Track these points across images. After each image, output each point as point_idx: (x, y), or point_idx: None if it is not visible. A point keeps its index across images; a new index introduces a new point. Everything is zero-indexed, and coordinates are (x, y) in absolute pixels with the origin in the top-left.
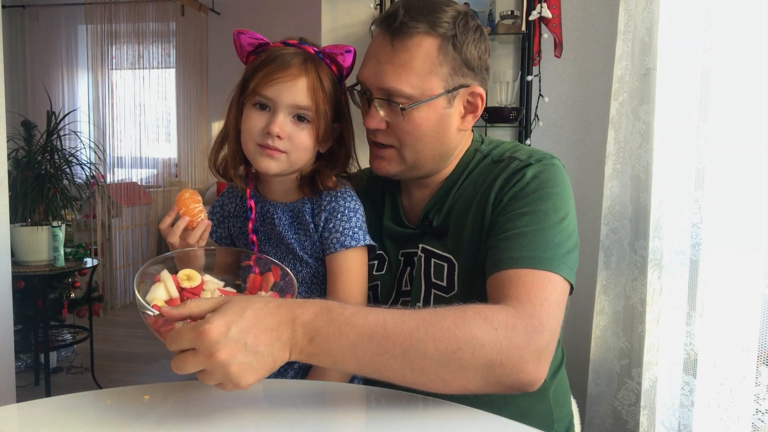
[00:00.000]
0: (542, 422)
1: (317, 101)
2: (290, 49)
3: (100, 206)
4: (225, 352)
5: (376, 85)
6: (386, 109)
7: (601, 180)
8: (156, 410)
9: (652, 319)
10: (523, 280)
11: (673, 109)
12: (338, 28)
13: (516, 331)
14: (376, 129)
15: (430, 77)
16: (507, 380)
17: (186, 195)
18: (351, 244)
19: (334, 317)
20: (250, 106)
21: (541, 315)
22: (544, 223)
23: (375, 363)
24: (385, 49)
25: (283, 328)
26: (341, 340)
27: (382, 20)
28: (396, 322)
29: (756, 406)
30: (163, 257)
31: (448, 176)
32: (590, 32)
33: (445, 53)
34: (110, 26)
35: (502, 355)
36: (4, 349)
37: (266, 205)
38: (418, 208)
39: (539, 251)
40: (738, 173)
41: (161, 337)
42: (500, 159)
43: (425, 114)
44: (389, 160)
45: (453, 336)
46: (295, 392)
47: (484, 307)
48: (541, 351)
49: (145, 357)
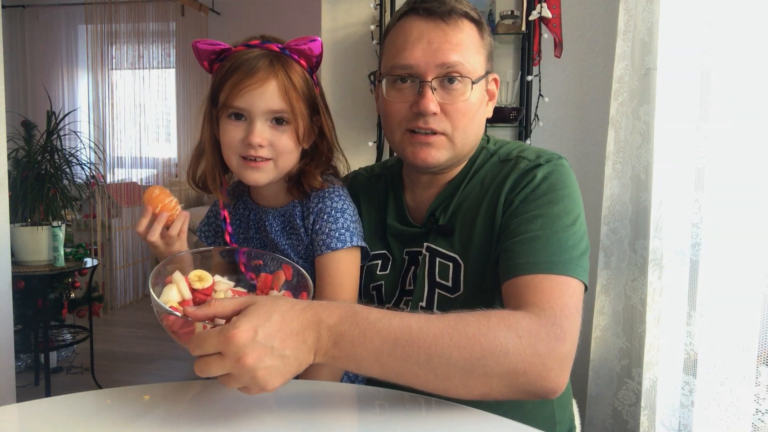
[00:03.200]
0: (545, 424)
1: (291, 101)
2: (254, 52)
3: (100, 206)
4: (252, 357)
5: (435, 63)
6: (441, 92)
7: (601, 180)
8: (156, 410)
9: (653, 319)
10: (542, 285)
11: (673, 109)
12: (338, 28)
13: (539, 339)
14: (431, 114)
15: (479, 57)
16: (530, 388)
17: (156, 191)
18: (337, 246)
19: (359, 321)
20: (225, 118)
21: (563, 322)
22: (557, 225)
23: (399, 368)
24: (436, 31)
25: (308, 331)
26: (366, 345)
27: (421, 7)
28: (421, 327)
29: (756, 406)
30: (177, 257)
31: (457, 174)
32: (590, 32)
33: (482, 38)
34: (110, 26)
35: (526, 364)
36: (4, 349)
37: (258, 212)
38: (423, 206)
39: (555, 255)
40: (738, 173)
41: (179, 339)
42: (507, 158)
43: (478, 94)
44: (439, 147)
45: (478, 343)
46: (294, 392)
47: (508, 313)
48: (563, 358)
49: (145, 357)
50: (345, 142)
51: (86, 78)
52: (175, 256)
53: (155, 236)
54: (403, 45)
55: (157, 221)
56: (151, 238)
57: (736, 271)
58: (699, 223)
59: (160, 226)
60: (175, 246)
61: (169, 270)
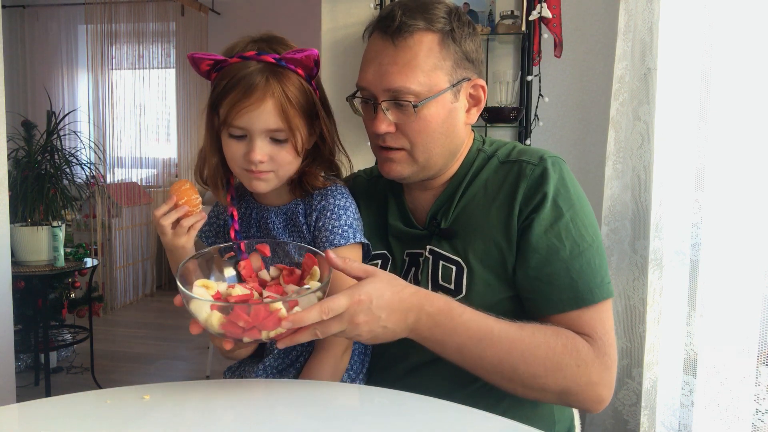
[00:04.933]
0: (545, 423)
1: (288, 118)
2: (250, 66)
3: (100, 206)
4: (362, 319)
5: (381, 87)
6: (394, 112)
7: (601, 180)
8: (156, 410)
9: (653, 319)
10: (585, 318)
11: (673, 109)
12: (338, 28)
13: (593, 369)
14: (382, 133)
15: (435, 72)
16: (577, 405)
17: (186, 185)
18: (340, 243)
19: (454, 317)
20: (226, 136)
21: (610, 350)
22: (581, 247)
23: (474, 362)
24: (386, 51)
25: (410, 313)
26: (454, 338)
27: (377, 24)
28: (500, 334)
29: (756, 406)
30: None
31: (453, 176)
32: (590, 32)
33: (446, 47)
34: (110, 26)
35: (579, 388)
36: (4, 349)
37: (260, 210)
38: (422, 208)
39: (589, 282)
40: (738, 173)
41: (250, 333)
42: (508, 160)
43: (435, 110)
44: (400, 162)
45: (542, 364)
46: (295, 392)
47: (572, 340)
48: (610, 384)
49: (145, 357)
50: (344, 142)
51: (86, 78)
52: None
53: (168, 221)
54: (363, 64)
55: (176, 210)
56: (164, 221)
57: (736, 270)
58: (699, 223)
59: (177, 216)
60: (182, 239)
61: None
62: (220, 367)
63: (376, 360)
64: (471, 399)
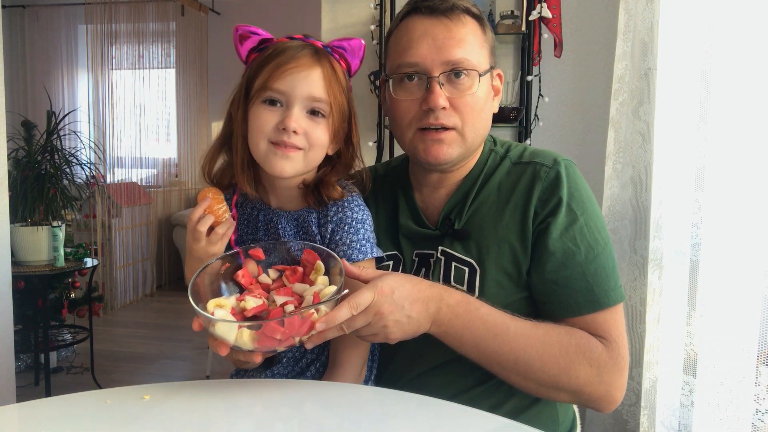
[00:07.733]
0: (547, 424)
1: (333, 93)
2: (297, 42)
3: (100, 206)
4: (387, 309)
5: (440, 60)
6: (448, 87)
7: (601, 180)
8: (156, 410)
9: (653, 319)
10: (600, 321)
11: (673, 109)
12: (338, 28)
13: (606, 370)
14: (440, 108)
15: (483, 52)
16: (590, 404)
17: (209, 194)
18: (358, 258)
19: (472, 309)
20: (258, 104)
21: (623, 352)
22: (596, 250)
23: (491, 357)
24: (439, 27)
25: (432, 302)
26: (472, 330)
27: (423, 6)
28: (516, 330)
29: (756, 406)
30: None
31: (466, 175)
32: (590, 32)
33: (485, 33)
34: (110, 26)
35: (591, 388)
36: (4, 349)
37: (268, 213)
38: (434, 208)
39: (604, 285)
40: (738, 173)
41: (281, 342)
42: (520, 161)
43: (484, 88)
44: (450, 143)
45: (557, 364)
46: (295, 392)
47: (586, 341)
48: (623, 386)
49: (145, 357)
50: None
51: (86, 78)
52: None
53: (205, 227)
54: (408, 43)
55: (208, 216)
56: (201, 227)
57: (736, 271)
58: (699, 223)
59: (210, 222)
60: (216, 247)
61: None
62: (220, 367)
63: (381, 372)
64: (473, 402)
